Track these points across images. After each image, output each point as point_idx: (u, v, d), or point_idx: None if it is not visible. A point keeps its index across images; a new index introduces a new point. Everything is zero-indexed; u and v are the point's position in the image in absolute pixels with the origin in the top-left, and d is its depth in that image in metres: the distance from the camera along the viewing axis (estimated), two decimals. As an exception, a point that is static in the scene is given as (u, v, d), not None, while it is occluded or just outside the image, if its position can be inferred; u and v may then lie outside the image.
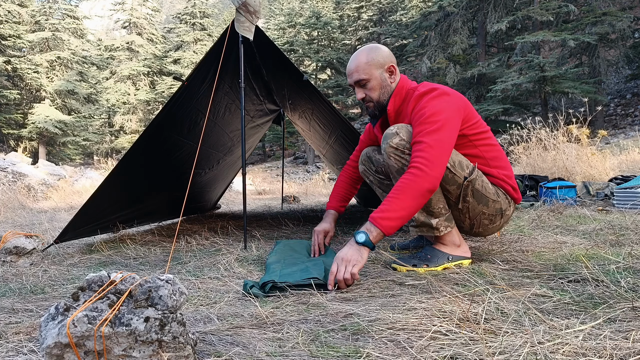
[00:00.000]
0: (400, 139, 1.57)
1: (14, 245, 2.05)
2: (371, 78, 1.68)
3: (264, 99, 3.56)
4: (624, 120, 17.37)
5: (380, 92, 1.70)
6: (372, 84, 1.69)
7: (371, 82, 1.68)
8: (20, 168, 9.31)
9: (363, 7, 31.17)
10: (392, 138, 1.59)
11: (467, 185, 1.59)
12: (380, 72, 1.68)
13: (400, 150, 1.57)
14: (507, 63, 18.85)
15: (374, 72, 1.67)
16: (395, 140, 1.58)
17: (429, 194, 1.45)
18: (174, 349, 0.77)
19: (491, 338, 0.87)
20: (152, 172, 2.86)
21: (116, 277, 0.81)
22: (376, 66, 1.67)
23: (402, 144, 1.57)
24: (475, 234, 1.76)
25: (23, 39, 23.50)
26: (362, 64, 1.67)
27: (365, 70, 1.67)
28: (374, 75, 1.68)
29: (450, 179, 1.58)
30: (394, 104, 1.70)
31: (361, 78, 1.68)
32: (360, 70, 1.68)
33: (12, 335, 1.01)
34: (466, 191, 1.60)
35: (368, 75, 1.67)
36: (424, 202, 1.45)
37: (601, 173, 4.81)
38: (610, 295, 1.13)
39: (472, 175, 1.59)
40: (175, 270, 1.77)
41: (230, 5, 44.64)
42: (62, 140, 24.42)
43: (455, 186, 1.59)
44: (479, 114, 1.70)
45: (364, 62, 1.67)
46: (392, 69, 1.69)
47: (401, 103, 1.70)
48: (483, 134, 1.66)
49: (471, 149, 1.64)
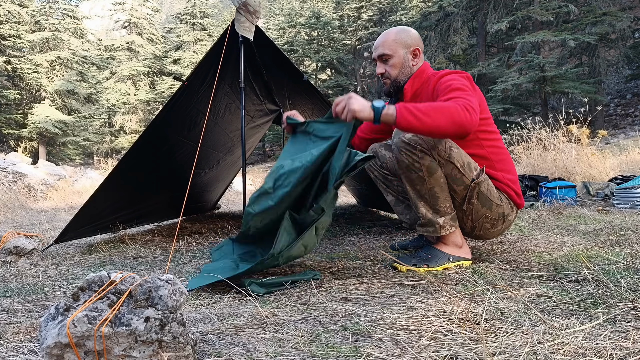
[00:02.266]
0: (413, 134, 1.52)
1: (14, 245, 2.05)
2: (394, 55, 1.72)
3: (264, 99, 3.56)
4: (624, 120, 17.37)
5: (400, 70, 1.73)
6: (393, 61, 1.72)
7: (393, 58, 1.72)
8: (20, 168, 9.31)
9: (363, 7, 31.14)
10: (405, 133, 1.54)
11: (474, 187, 1.58)
12: (405, 52, 1.72)
13: (412, 146, 1.53)
14: (507, 63, 18.84)
15: (399, 50, 1.71)
16: (408, 135, 1.54)
17: (459, 130, 1.38)
18: (174, 349, 0.77)
19: (491, 338, 0.87)
20: (152, 172, 2.86)
21: (116, 277, 0.81)
22: (402, 45, 1.71)
23: (414, 139, 1.53)
24: (476, 236, 1.76)
25: (23, 39, 23.47)
26: (390, 40, 1.72)
27: (390, 47, 1.72)
28: (398, 53, 1.71)
29: (458, 179, 1.57)
30: (412, 85, 1.73)
31: (385, 53, 1.72)
32: (386, 45, 1.72)
33: (12, 335, 1.01)
34: (472, 193, 1.60)
35: (392, 52, 1.71)
36: (451, 130, 1.38)
37: (601, 173, 4.81)
38: (610, 295, 1.13)
39: (479, 178, 1.59)
40: (175, 270, 1.77)
41: (230, 5, 44.66)
42: (62, 140, 24.40)
43: (462, 187, 1.59)
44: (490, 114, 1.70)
45: (392, 38, 1.72)
46: (417, 52, 1.73)
47: (420, 86, 1.72)
48: (492, 134, 1.66)
49: (478, 149, 1.63)
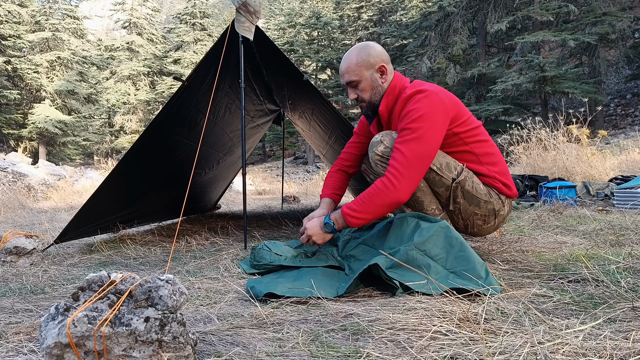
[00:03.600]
0: (384, 147, 1.61)
1: (14, 245, 2.05)
2: (362, 79, 1.67)
3: (264, 99, 3.56)
4: (624, 120, 17.37)
5: (371, 92, 1.69)
6: (362, 85, 1.68)
7: (362, 83, 1.68)
8: (20, 168, 9.31)
9: (363, 7, 31.14)
10: (377, 146, 1.63)
11: (455, 186, 1.60)
12: (371, 73, 1.66)
13: (385, 158, 1.62)
14: (507, 63, 18.85)
15: (364, 73, 1.66)
16: (380, 149, 1.62)
17: (397, 205, 1.52)
18: (174, 349, 0.77)
19: (491, 338, 0.87)
20: (153, 172, 2.86)
21: (116, 277, 0.81)
22: (366, 67, 1.66)
23: (387, 151, 1.61)
24: (472, 234, 1.76)
25: (23, 39, 23.48)
26: (352, 64, 1.67)
27: (355, 72, 1.66)
28: (364, 77, 1.67)
29: (437, 181, 1.60)
30: (387, 104, 1.69)
31: (352, 80, 1.68)
32: (351, 71, 1.67)
33: (12, 335, 1.01)
34: (455, 193, 1.61)
35: (358, 77, 1.67)
36: (391, 210, 1.55)
37: (601, 173, 4.81)
38: (610, 295, 1.13)
39: (460, 177, 1.59)
40: (175, 270, 1.77)
41: (230, 5, 44.66)
42: (62, 140, 24.41)
43: (443, 188, 1.61)
44: (469, 111, 1.69)
45: (354, 62, 1.66)
46: (383, 69, 1.67)
47: (394, 103, 1.69)
48: (474, 130, 1.65)
49: (462, 147, 1.64)
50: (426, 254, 1.35)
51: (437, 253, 1.36)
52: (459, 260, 1.32)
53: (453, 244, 1.36)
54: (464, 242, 1.37)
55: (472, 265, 1.29)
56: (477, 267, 1.28)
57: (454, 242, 1.36)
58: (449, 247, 1.36)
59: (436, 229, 1.40)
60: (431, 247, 1.37)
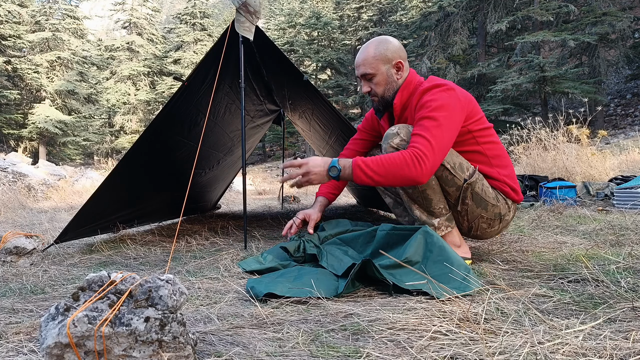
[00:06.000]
0: (400, 139, 1.57)
1: (14, 245, 2.05)
2: (377, 73, 1.66)
3: (264, 99, 3.56)
4: (624, 121, 17.37)
5: (386, 87, 1.69)
6: (377, 79, 1.68)
7: (377, 77, 1.67)
8: (20, 168, 9.31)
9: (363, 7, 31.14)
10: (392, 138, 1.58)
11: (466, 187, 1.58)
12: (387, 68, 1.66)
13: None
14: (507, 63, 18.85)
15: (381, 67, 1.66)
16: (396, 141, 1.57)
17: (413, 184, 1.48)
18: (174, 349, 0.77)
19: (491, 338, 0.87)
20: (153, 172, 2.86)
21: (116, 277, 0.81)
22: (383, 61, 1.65)
23: (402, 144, 1.56)
24: (474, 236, 1.76)
25: (23, 39, 23.49)
26: (370, 57, 1.66)
27: (371, 65, 1.66)
28: (380, 71, 1.66)
29: (449, 180, 1.58)
30: (401, 98, 1.69)
31: (367, 72, 1.67)
32: (367, 64, 1.66)
33: (12, 335, 1.01)
34: (465, 194, 1.59)
35: (374, 70, 1.66)
36: (403, 185, 1.50)
37: (601, 173, 4.81)
38: (610, 295, 1.13)
39: (472, 178, 1.58)
40: (175, 270, 1.77)
41: (230, 6, 44.64)
42: (62, 141, 24.42)
43: (454, 188, 1.59)
44: (482, 112, 1.69)
45: (372, 55, 1.66)
46: (400, 65, 1.67)
47: (408, 97, 1.68)
48: (486, 131, 1.65)
49: (474, 146, 1.63)
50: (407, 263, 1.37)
51: (416, 260, 1.38)
52: (437, 264, 1.34)
53: (432, 250, 1.38)
54: (444, 245, 1.39)
55: (451, 269, 1.30)
56: (459, 269, 1.29)
57: (433, 247, 1.39)
58: (428, 252, 1.39)
59: (418, 238, 1.42)
60: (412, 255, 1.39)
